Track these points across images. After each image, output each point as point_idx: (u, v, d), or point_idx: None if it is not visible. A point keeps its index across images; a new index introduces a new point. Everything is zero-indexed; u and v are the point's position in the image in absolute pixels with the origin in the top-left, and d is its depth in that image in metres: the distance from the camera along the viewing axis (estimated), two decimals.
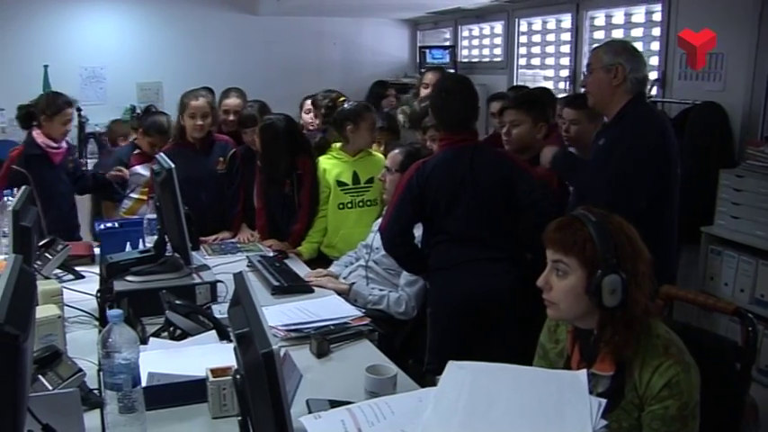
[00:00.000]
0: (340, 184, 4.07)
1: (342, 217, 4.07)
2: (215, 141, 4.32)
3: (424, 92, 4.83)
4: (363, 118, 4.02)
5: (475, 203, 3.06)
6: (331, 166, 4.09)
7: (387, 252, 3.29)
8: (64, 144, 4.51)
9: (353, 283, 3.35)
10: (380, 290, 3.37)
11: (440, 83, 3.37)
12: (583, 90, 3.33)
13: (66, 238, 3.40)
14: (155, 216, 3.20)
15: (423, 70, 5.73)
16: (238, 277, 1.63)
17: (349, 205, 4.06)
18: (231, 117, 4.73)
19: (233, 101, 4.84)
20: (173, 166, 2.80)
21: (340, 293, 3.21)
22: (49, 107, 4.35)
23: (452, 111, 3.16)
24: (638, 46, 5.20)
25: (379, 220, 3.64)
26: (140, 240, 3.49)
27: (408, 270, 3.31)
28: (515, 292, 3.00)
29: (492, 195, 3.07)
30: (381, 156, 4.11)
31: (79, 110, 6.45)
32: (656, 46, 4.99)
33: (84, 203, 5.03)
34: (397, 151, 3.64)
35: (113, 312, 1.86)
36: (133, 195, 4.59)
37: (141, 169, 4.57)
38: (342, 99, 4.36)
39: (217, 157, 4.29)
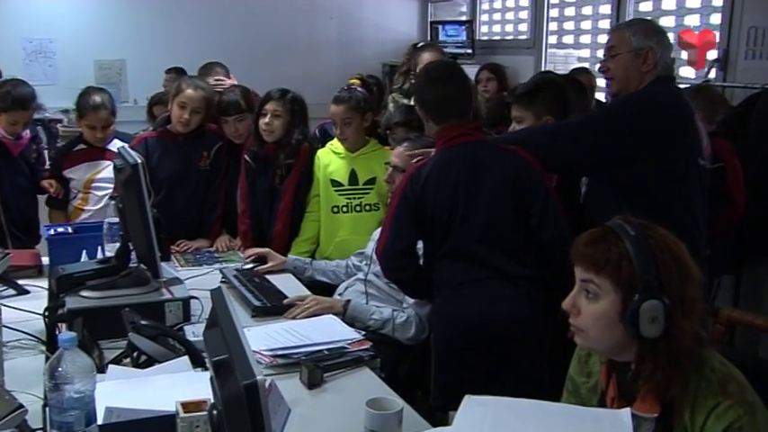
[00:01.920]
0: (333, 183, 4.08)
1: (335, 222, 4.09)
2: (203, 131, 4.36)
3: None
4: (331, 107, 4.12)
5: (481, 211, 3.01)
6: (327, 161, 4.11)
7: (387, 278, 3.28)
8: (26, 132, 4.55)
9: (350, 301, 3.34)
10: (379, 306, 3.36)
11: (426, 70, 3.36)
12: (603, 75, 3.33)
13: (26, 240, 3.41)
14: (116, 220, 3.20)
15: (418, 45, 5.59)
16: (216, 293, 1.63)
17: (344, 209, 4.08)
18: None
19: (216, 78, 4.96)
20: (138, 160, 2.80)
21: (335, 313, 3.21)
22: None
23: (445, 100, 3.13)
24: (695, 19, 5.23)
25: (380, 228, 3.65)
26: (98, 248, 3.48)
27: (413, 296, 3.29)
28: (534, 319, 2.98)
29: (500, 201, 3.02)
30: (390, 152, 4.10)
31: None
32: (716, 19, 4.97)
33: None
34: (405, 145, 3.61)
35: (65, 335, 1.84)
36: (73, 204, 4.59)
37: (77, 173, 4.55)
38: (352, 81, 4.39)
39: (201, 151, 4.33)
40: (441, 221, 3.05)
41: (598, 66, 3.46)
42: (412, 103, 4.87)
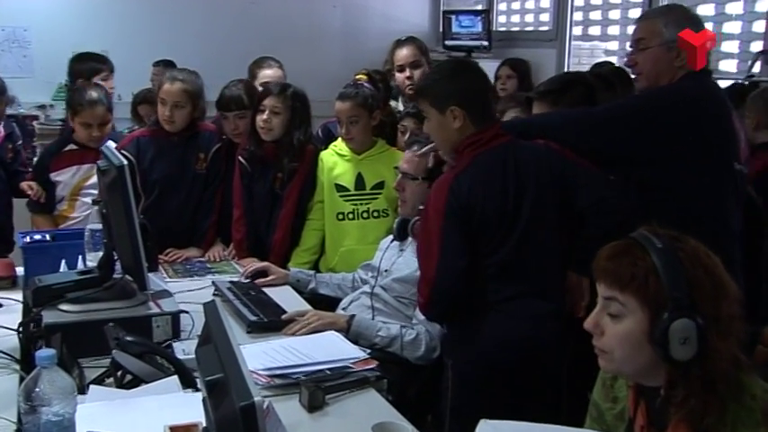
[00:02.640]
0: (339, 188, 4.10)
1: (340, 231, 4.10)
2: (199, 132, 4.38)
3: (399, 77, 4.91)
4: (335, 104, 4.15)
5: (526, 218, 2.97)
6: (332, 163, 4.13)
7: (436, 317, 3.16)
8: (0, 129, 4.55)
9: (354, 317, 3.35)
10: (386, 322, 3.37)
11: (463, 62, 3.36)
12: (631, 70, 3.33)
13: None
14: (99, 227, 3.21)
15: (401, 39, 5.39)
16: (209, 307, 1.64)
17: (350, 216, 4.09)
18: None
19: (272, 71, 5.01)
20: (124, 162, 2.81)
21: (338, 329, 3.21)
22: None
23: (479, 95, 3.12)
24: (738, 6, 5.20)
25: (389, 238, 3.68)
26: (79, 258, 3.49)
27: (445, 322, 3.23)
28: (565, 337, 2.99)
29: (545, 204, 3.00)
30: (400, 153, 4.09)
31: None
32: (762, 6, 4.95)
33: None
34: (415, 149, 3.57)
35: (43, 353, 1.85)
36: (58, 209, 4.56)
37: (64, 176, 4.52)
38: (359, 76, 4.40)
39: (197, 153, 4.35)
40: (489, 233, 2.99)
41: (625, 59, 3.44)
42: (400, 106, 4.90)
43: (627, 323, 1.77)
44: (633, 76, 3.28)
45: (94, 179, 4.26)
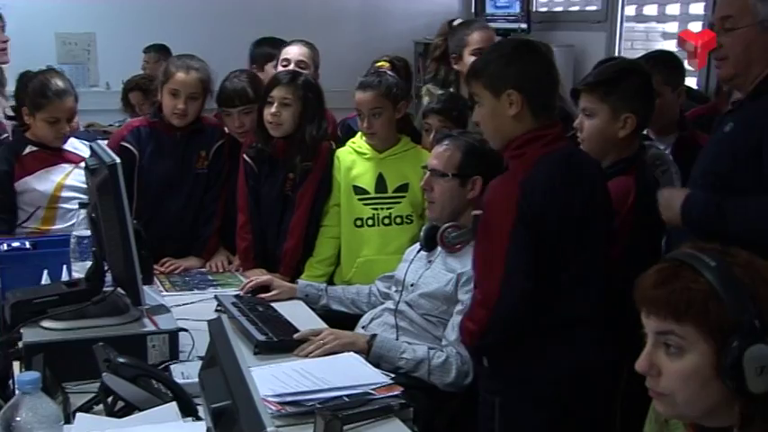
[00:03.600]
0: (357, 190, 4.11)
1: (358, 239, 4.11)
2: (202, 126, 4.40)
3: (469, 59, 4.79)
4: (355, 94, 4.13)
5: (594, 230, 2.99)
6: (349, 162, 4.14)
7: (486, 349, 3.07)
8: None
9: (376, 336, 3.35)
10: (412, 343, 3.37)
11: (528, 42, 3.34)
12: (713, 55, 3.30)
13: None
14: (87, 233, 3.21)
15: (455, 23, 5.40)
16: (215, 325, 1.64)
17: (369, 222, 4.10)
18: (290, 68, 4.87)
19: (297, 49, 5.03)
20: (117, 159, 2.81)
21: (358, 351, 3.22)
22: None
23: (541, 81, 3.10)
24: None
25: (415, 247, 3.67)
26: (63, 268, 3.50)
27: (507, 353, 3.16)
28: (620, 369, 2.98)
29: (603, 218, 3.05)
30: (426, 152, 4.10)
31: None
32: None
33: None
34: (447, 144, 3.60)
35: (25, 377, 1.86)
36: (29, 226, 4.36)
37: (35, 181, 4.35)
38: (381, 63, 4.39)
39: (198, 150, 4.37)
40: (557, 248, 2.96)
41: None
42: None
43: (689, 359, 1.72)
44: (715, 62, 3.20)
45: (71, 181, 4.35)
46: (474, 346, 3.09)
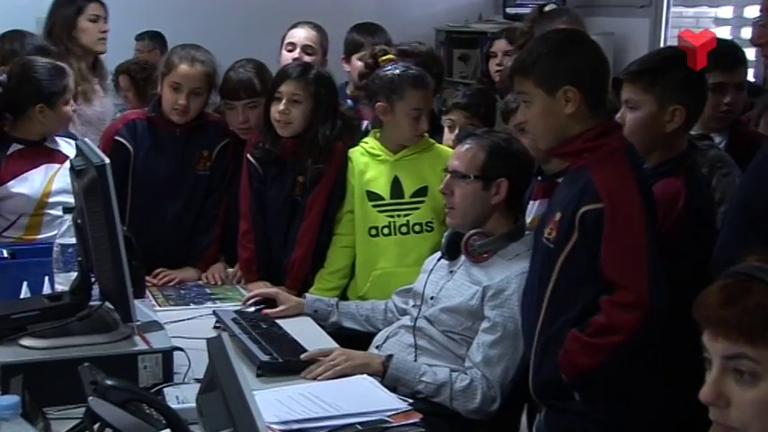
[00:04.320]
0: (371, 196, 4.10)
1: (374, 249, 4.10)
2: (205, 123, 4.41)
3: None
4: (402, 93, 4.04)
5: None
6: (362, 165, 4.13)
7: (651, 337, 3.00)
8: None
9: (392, 357, 3.35)
10: (432, 364, 3.36)
11: (554, 32, 3.34)
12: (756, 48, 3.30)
13: None
14: (73, 241, 3.22)
15: (546, 8, 5.48)
16: (215, 344, 1.64)
17: (385, 231, 4.08)
18: (296, 54, 4.92)
19: (303, 32, 5.05)
20: (106, 160, 2.81)
21: (372, 373, 3.21)
22: None
23: (598, 74, 3.13)
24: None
25: (435, 256, 3.67)
26: (46, 280, 3.51)
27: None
28: None
29: None
30: (447, 150, 4.11)
31: None
32: None
33: None
34: (470, 145, 3.59)
35: (2, 401, 1.86)
36: (10, 236, 4.32)
37: (20, 185, 4.32)
38: (387, 57, 4.35)
39: (200, 150, 4.37)
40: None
41: (751, 32, 3.39)
42: None
43: (765, 387, 1.67)
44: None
45: (58, 185, 4.32)
46: (595, 369, 3.00)
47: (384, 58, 4.28)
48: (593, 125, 3.06)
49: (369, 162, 4.15)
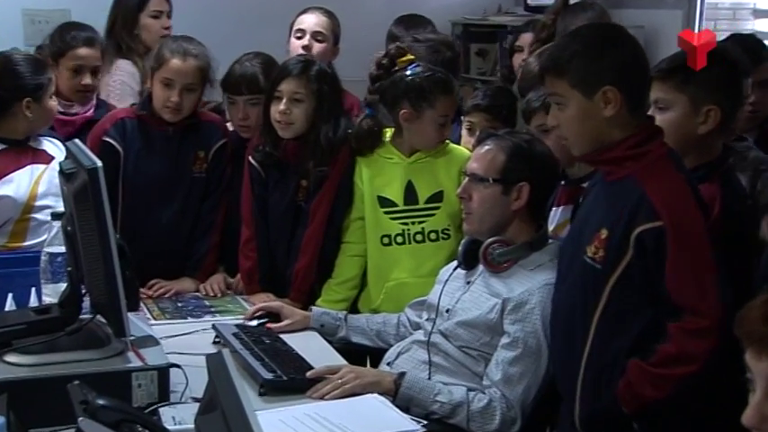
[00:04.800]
0: (383, 202, 4.11)
1: (387, 259, 4.11)
2: (199, 121, 4.41)
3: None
4: (432, 100, 4.03)
5: None
6: (374, 169, 4.13)
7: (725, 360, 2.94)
8: None
9: (404, 375, 3.35)
10: (448, 383, 3.36)
11: (587, 27, 3.32)
12: None
13: None
14: (62, 249, 3.22)
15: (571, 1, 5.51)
16: (215, 361, 1.64)
17: (398, 239, 4.08)
18: (305, 41, 4.95)
19: (313, 17, 5.05)
20: (98, 163, 2.81)
21: (383, 392, 3.21)
22: None
23: (640, 73, 3.11)
24: None
25: (451, 265, 3.67)
26: (32, 291, 3.51)
27: None
28: None
29: None
30: (464, 151, 4.12)
31: None
32: None
33: None
34: (490, 146, 3.58)
35: None
36: (2, 239, 4.34)
37: (8, 189, 4.30)
38: (407, 58, 4.33)
39: (195, 151, 4.37)
40: None
41: None
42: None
43: None
44: None
45: (44, 187, 4.33)
46: (661, 401, 2.97)
47: (403, 59, 4.23)
48: (634, 129, 3.03)
49: (382, 165, 4.15)
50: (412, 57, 4.27)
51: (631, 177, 2.99)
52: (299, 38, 5.04)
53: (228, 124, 4.55)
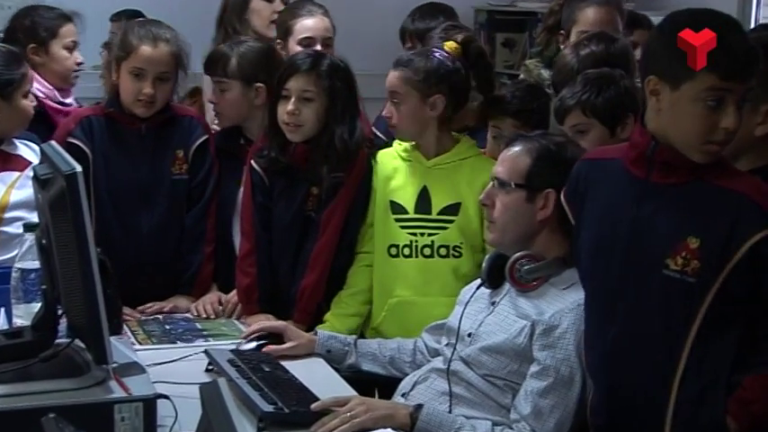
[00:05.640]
0: (395, 207, 4.13)
1: (393, 272, 4.13)
2: (175, 117, 4.43)
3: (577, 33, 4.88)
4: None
5: None
6: (391, 170, 4.16)
7: None
8: None
9: (421, 407, 3.34)
10: (471, 417, 3.37)
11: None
12: None
13: None
14: (36, 265, 3.24)
15: None
16: (208, 390, 1.65)
17: (406, 251, 4.10)
18: (317, 49, 4.87)
19: (314, 22, 5.06)
20: (78, 168, 2.81)
21: (398, 427, 3.21)
22: None
23: None
24: None
25: (473, 284, 3.67)
26: (2, 312, 3.55)
27: None
28: None
29: None
30: (491, 162, 4.01)
31: None
32: None
33: None
34: (518, 149, 3.58)
35: None
36: None
37: None
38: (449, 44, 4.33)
39: (173, 150, 4.38)
40: None
41: None
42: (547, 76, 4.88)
43: None
44: None
45: (18, 197, 4.33)
46: None
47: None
48: None
49: (399, 166, 4.17)
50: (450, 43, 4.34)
51: (720, 181, 3.02)
52: (307, 46, 5.00)
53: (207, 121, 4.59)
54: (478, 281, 3.63)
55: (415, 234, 4.10)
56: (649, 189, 3.11)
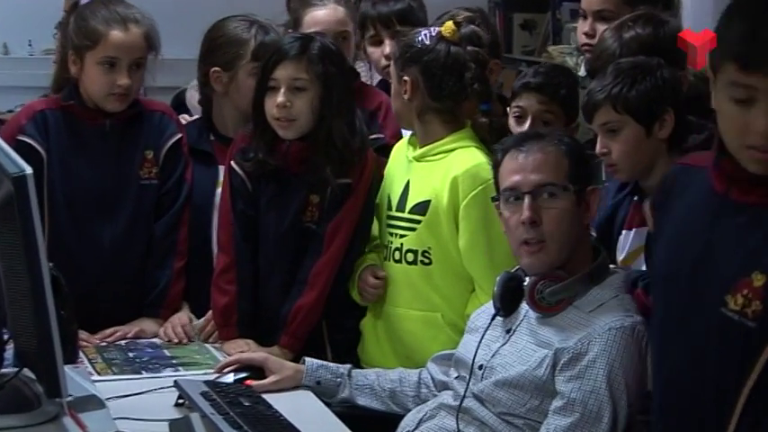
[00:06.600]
0: (386, 202, 4.17)
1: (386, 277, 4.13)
2: (143, 112, 4.41)
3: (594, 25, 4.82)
4: None
5: None
6: (398, 160, 4.18)
7: None
8: None
9: None
10: None
11: None
12: None
13: None
14: None
15: None
16: (178, 428, 1.64)
17: (396, 255, 4.10)
18: None
19: (325, 12, 4.95)
20: (27, 170, 2.80)
21: None
22: None
23: None
24: None
25: (485, 309, 3.68)
26: None
27: None
28: None
29: None
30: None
31: None
32: None
33: None
34: (548, 151, 3.54)
35: None
36: None
37: None
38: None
39: (141, 150, 4.36)
40: None
41: None
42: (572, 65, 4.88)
43: None
44: None
45: None
46: None
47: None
48: None
49: (404, 155, 4.18)
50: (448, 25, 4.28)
51: None
52: None
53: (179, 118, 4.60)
54: (490, 304, 3.61)
55: (391, 234, 4.13)
56: (727, 207, 2.98)
